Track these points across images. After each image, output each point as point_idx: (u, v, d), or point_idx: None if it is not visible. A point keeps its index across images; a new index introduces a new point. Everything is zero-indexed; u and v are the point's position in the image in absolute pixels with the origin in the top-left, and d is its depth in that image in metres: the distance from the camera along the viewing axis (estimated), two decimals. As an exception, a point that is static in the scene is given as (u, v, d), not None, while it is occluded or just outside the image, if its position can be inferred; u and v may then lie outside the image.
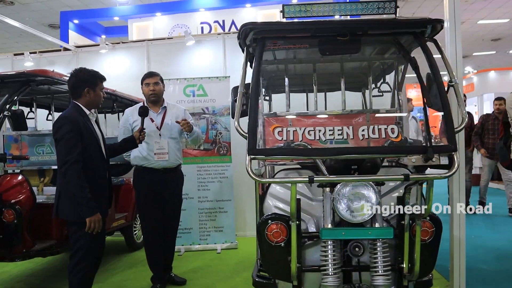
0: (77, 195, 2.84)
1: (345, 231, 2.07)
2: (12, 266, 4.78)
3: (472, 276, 3.91)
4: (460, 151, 3.42)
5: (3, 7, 12.82)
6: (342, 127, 1.90)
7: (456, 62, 3.51)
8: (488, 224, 6.15)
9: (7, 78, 3.83)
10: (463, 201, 3.50)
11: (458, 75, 3.50)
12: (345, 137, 1.92)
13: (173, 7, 9.60)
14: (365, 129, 1.92)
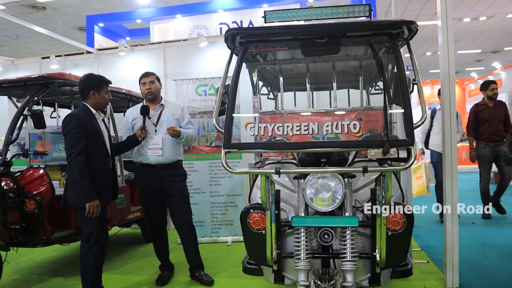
0: (79, 183, 3.18)
1: (313, 219, 2.25)
2: (38, 254, 5.19)
3: (470, 271, 3.99)
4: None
5: (36, 12, 13.50)
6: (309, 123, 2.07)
7: (448, 59, 3.61)
8: (503, 222, 6.10)
9: (29, 80, 4.18)
10: (456, 198, 3.58)
11: (450, 72, 3.60)
12: (311, 132, 2.09)
13: (192, 9, 9.90)
14: (329, 125, 2.08)
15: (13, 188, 3.91)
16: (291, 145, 2.19)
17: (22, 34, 15.18)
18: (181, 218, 3.99)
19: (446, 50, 3.57)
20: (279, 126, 2.12)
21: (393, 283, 3.77)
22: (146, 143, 3.92)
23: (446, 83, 3.58)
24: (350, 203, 2.31)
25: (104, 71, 7.03)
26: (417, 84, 2.19)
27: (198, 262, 4.07)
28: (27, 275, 4.46)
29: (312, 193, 2.19)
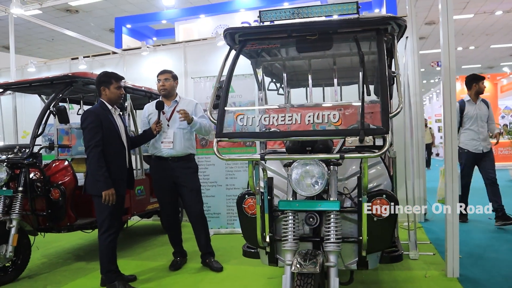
0: (96, 173, 3.47)
1: (298, 203, 2.42)
2: (64, 241, 5.58)
3: (473, 263, 4.04)
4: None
5: (69, 16, 14.15)
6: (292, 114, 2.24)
7: (449, 56, 3.67)
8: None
9: (55, 79, 4.52)
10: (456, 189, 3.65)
11: (451, 67, 3.67)
12: (294, 122, 2.26)
13: (215, 9, 10.17)
14: (311, 115, 2.24)
15: (40, 178, 4.27)
16: (275, 134, 2.37)
17: (57, 37, 15.93)
18: (192, 208, 4.22)
19: (446, 43, 3.64)
20: (266, 117, 2.31)
21: (395, 273, 3.88)
22: (159, 137, 4.17)
23: (447, 77, 3.65)
24: (335, 189, 2.46)
25: (129, 70, 7.41)
26: (396, 77, 2.31)
27: (209, 250, 4.29)
28: (54, 259, 4.82)
29: (297, 179, 2.36)
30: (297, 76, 4.29)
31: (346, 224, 2.68)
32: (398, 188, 5.20)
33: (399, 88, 2.27)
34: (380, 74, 2.30)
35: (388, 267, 4.03)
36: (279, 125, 2.29)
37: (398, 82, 2.28)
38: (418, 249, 4.44)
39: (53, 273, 4.31)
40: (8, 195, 4.10)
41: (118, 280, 3.61)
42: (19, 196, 4.06)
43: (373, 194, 2.57)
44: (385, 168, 2.83)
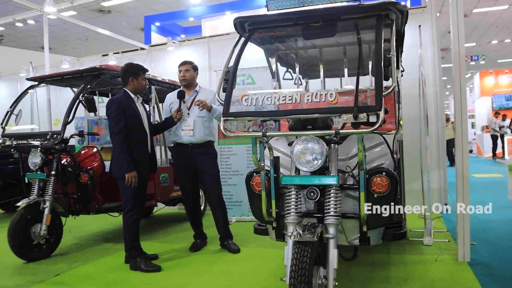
0: (120, 157, 3.74)
1: (299, 178, 2.58)
2: (95, 226, 5.94)
3: (485, 249, 4.07)
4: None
5: (103, 16, 14.72)
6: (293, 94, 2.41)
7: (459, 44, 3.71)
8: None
9: (84, 72, 4.85)
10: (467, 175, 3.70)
11: (461, 53, 3.72)
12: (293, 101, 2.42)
13: (240, 5, 10.38)
14: (310, 95, 2.39)
15: (71, 164, 4.59)
16: (277, 112, 2.53)
17: (91, 36, 16.59)
18: (211, 192, 4.43)
19: (456, 28, 3.68)
20: (268, 97, 2.48)
21: (406, 256, 3.97)
22: (180, 124, 4.40)
23: (457, 63, 3.70)
24: (335, 166, 2.60)
25: (155, 65, 7.73)
26: (391, 57, 2.43)
27: (227, 233, 4.49)
28: (84, 241, 5.15)
29: (298, 155, 2.52)
30: (311, 66, 4.42)
31: (349, 201, 2.82)
32: (415, 179, 5.25)
33: (393, 68, 2.38)
34: (375, 55, 2.42)
35: (400, 251, 4.12)
36: (281, 104, 2.45)
37: (393, 62, 2.39)
38: (434, 237, 4.49)
39: (82, 252, 4.63)
40: (42, 178, 4.43)
41: (140, 257, 3.87)
42: (52, 180, 4.39)
43: (373, 171, 2.69)
44: (387, 149, 2.94)
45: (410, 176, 5.57)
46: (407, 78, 5.52)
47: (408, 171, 5.62)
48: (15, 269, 4.05)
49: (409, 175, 5.59)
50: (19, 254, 4.15)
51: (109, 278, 3.68)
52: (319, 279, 2.38)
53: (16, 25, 14.95)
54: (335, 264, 2.43)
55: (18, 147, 4.62)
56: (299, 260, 2.26)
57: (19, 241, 4.11)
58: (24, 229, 4.16)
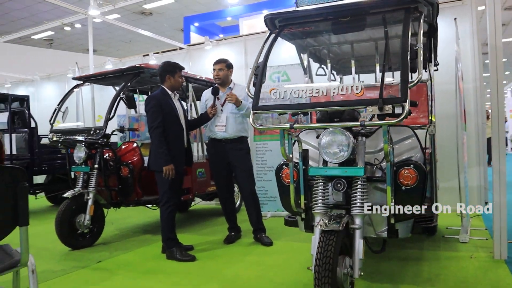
0: (158, 151, 3.91)
1: (327, 169, 2.63)
2: (136, 218, 6.21)
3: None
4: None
5: (145, 18, 15.23)
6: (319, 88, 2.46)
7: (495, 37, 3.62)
8: None
9: (125, 71, 5.09)
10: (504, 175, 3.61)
11: (498, 46, 3.62)
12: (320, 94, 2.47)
13: (277, 4, 10.45)
14: (336, 88, 2.44)
15: (113, 158, 4.84)
16: (303, 105, 2.59)
17: (134, 38, 17.19)
18: (244, 186, 4.55)
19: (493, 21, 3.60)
20: (296, 91, 2.54)
21: (440, 253, 3.91)
22: (214, 120, 4.54)
23: (493, 57, 3.62)
24: (362, 158, 2.63)
25: (194, 64, 7.95)
26: (418, 50, 2.43)
27: (260, 226, 4.59)
28: (125, 232, 5.40)
29: (324, 147, 2.57)
30: (343, 62, 4.44)
31: (377, 194, 2.84)
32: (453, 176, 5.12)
33: (420, 59, 2.39)
34: (402, 48, 2.43)
35: (434, 247, 4.07)
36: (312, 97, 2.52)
37: (419, 54, 2.40)
38: (471, 235, 4.40)
39: (123, 242, 4.87)
40: (86, 172, 4.70)
41: (176, 247, 4.03)
42: (95, 173, 4.65)
43: (401, 164, 2.71)
44: (417, 142, 2.93)
45: (447, 173, 5.46)
46: (445, 72, 5.42)
47: (445, 168, 5.52)
48: (62, 255, 4.32)
49: (447, 172, 5.48)
50: (65, 242, 4.42)
51: (147, 266, 3.87)
52: (345, 268, 2.43)
53: (64, 29, 15.76)
54: (361, 254, 2.47)
55: (65, 142, 4.92)
56: (324, 249, 2.32)
57: (65, 230, 4.38)
58: (70, 219, 4.43)
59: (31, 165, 6.86)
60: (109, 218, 4.94)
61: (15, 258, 2.11)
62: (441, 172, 5.71)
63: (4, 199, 1.96)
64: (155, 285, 3.35)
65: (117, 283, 3.43)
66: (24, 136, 7.03)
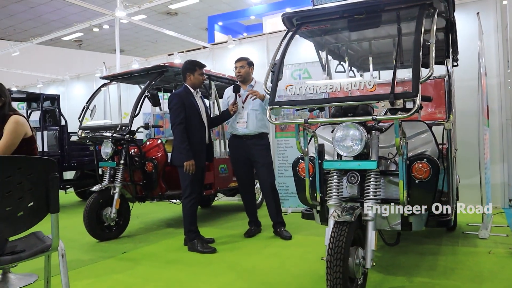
0: (179, 146, 4.06)
1: (340, 162, 2.70)
2: (160, 213, 6.42)
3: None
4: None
5: (170, 18, 15.52)
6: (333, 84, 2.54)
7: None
8: None
9: (150, 70, 5.27)
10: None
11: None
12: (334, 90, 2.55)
13: (300, 2, 10.47)
14: (350, 84, 2.51)
15: (138, 154, 5.03)
16: (316, 100, 2.67)
17: (160, 38, 17.54)
18: (264, 180, 4.64)
19: None
20: (311, 87, 2.63)
21: (458, 248, 3.92)
22: (236, 117, 4.66)
23: None
24: (376, 152, 2.68)
25: (217, 62, 8.11)
26: (430, 46, 2.47)
27: (279, 220, 4.68)
28: (149, 226, 5.60)
29: (338, 141, 2.64)
30: (362, 59, 4.49)
31: (391, 187, 2.90)
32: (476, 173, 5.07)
33: (432, 54, 2.43)
34: (415, 43, 2.48)
35: (452, 242, 4.08)
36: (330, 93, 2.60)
37: (432, 50, 2.44)
38: (492, 231, 4.38)
39: (147, 234, 5.05)
40: (112, 167, 4.90)
41: (197, 239, 4.17)
42: (121, 168, 4.85)
43: (414, 157, 2.75)
44: (431, 136, 2.97)
45: (470, 170, 5.41)
46: (468, 68, 5.37)
47: (468, 165, 5.47)
48: (89, 246, 4.53)
49: (469, 169, 5.43)
50: (92, 233, 4.64)
51: (169, 257, 4.02)
52: (357, 259, 2.50)
53: (93, 30, 16.24)
54: (373, 245, 2.54)
55: (92, 138, 5.14)
56: (336, 239, 2.40)
57: (92, 222, 4.59)
58: (97, 212, 4.64)
59: (61, 161, 7.18)
60: (135, 212, 5.14)
61: (46, 243, 2.28)
62: (464, 169, 5.67)
63: (38, 188, 2.12)
64: (176, 274, 3.50)
65: (141, 272, 3.59)
66: (54, 134, 7.36)
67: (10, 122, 3.07)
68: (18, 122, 3.14)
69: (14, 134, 3.09)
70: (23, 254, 2.21)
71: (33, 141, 3.29)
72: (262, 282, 3.21)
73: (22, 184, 2.03)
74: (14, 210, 2.03)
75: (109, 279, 3.41)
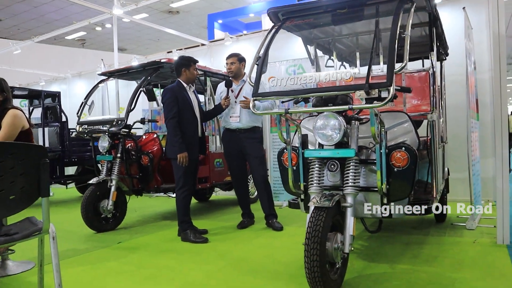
0: (173, 139, 4.18)
1: (321, 151, 2.80)
2: (158, 207, 6.56)
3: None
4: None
5: (171, 17, 15.64)
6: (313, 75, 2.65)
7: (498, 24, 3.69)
8: None
9: (146, 66, 5.39)
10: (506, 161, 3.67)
11: (501, 34, 3.69)
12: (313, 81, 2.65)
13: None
14: (328, 75, 2.61)
15: (134, 147, 5.15)
16: (297, 91, 2.76)
17: (162, 37, 17.67)
18: (256, 173, 4.75)
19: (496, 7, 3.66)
20: (292, 79, 2.73)
21: (444, 238, 4.01)
22: (229, 112, 4.77)
23: (496, 44, 3.68)
24: (355, 141, 2.78)
25: (215, 59, 8.22)
26: (405, 37, 2.57)
27: (272, 212, 4.79)
28: (146, 218, 5.72)
29: (318, 130, 2.75)
30: (350, 53, 4.58)
31: (372, 176, 3.00)
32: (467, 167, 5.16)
33: (406, 46, 2.53)
34: (391, 35, 2.58)
35: (439, 233, 4.17)
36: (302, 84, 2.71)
37: (406, 41, 2.54)
38: (480, 222, 4.46)
39: (143, 226, 5.18)
40: (109, 160, 5.03)
41: (190, 229, 4.29)
42: (117, 161, 4.97)
43: (393, 146, 2.85)
44: (412, 126, 3.07)
45: (461, 164, 5.48)
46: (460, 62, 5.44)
47: (459, 158, 5.56)
48: (87, 237, 4.66)
49: (461, 163, 5.51)
50: (89, 225, 4.76)
51: (162, 247, 4.15)
52: (336, 243, 2.60)
53: (95, 29, 16.41)
54: (351, 231, 2.63)
55: (89, 132, 5.27)
56: (314, 223, 2.50)
57: (89, 214, 4.72)
58: (94, 204, 4.77)
59: (62, 156, 7.32)
60: (133, 206, 5.25)
61: (38, 226, 2.40)
62: (455, 163, 5.76)
63: (29, 173, 2.24)
64: (167, 262, 3.61)
65: (133, 260, 3.71)
66: (55, 130, 7.49)
67: (8, 115, 3.24)
68: (16, 115, 3.29)
69: (12, 126, 3.25)
70: (16, 236, 2.32)
71: (30, 134, 3.44)
72: (250, 269, 3.31)
73: (14, 168, 2.14)
74: (7, 193, 2.14)
75: (103, 267, 3.53)
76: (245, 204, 4.96)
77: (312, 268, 2.44)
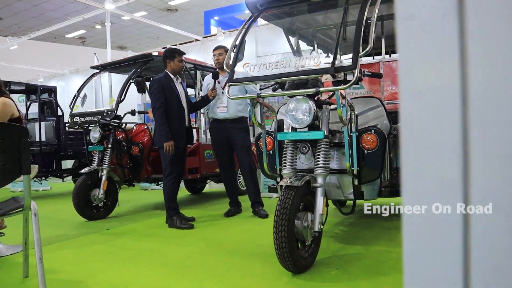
0: (160, 128, 4.31)
1: (292, 134, 2.91)
2: (150, 199, 6.68)
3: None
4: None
5: (170, 15, 15.78)
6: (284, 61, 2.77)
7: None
8: None
9: (136, 58, 5.52)
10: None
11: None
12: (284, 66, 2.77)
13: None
14: (298, 60, 2.73)
15: (125, 138, 5.28)
16: (268, 76, 2.87)
17: (161, 35, 17.82)
18: (243, 162, 4.86)
19: None
20: (264, 64, 2.85)
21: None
22: (216, 102, 4.89)
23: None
24: (326, 124, 2.89)
25: (208, 54, 8.34)
26: (371, 22, 2.67)
27: (257, 200, 4.90)
28: (138, 209, 5.85)
29: (290, 113, 2.86)
30: (332, 45, 4.69)
31: (344, 159, 3.10)
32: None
33: (371, 32, 2.63)
34: (357, 21, 2.69)
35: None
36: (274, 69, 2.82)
37: (372, 26, 2.64)
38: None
39: (134, 215, 5.30)
40: (100, 150, 5.16)
41: (177, 216, 4.41)
42: (108, 152, 5.10)
43: (363, 130, 2.96)
44: (384, 111, 3.17)
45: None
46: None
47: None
48: (77, 224, 4.79)
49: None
50: (81, 213, 4.89)
51: (149, 232, 4.27)
52: (305, 222, 2.71)
53: (96, 27, 16.57)
54: (320, 210, 2.74)
55: (81, 123, 5.40)
56: (283, 201, 2.61)
57: (81, 202, 4.85)
58: (85, 193, 4.90)
59: (58, 150, 7.46)
60: (126, 197, 5.36)
61: (20, 203, 2.52)
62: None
63: (10, 151, 2.36)
64: (151, 244, 3.74)
65: (119, 243, 3.83)
66: (52, 124, 7.63)
67: None
68: (6, 103, 3.42)
69: (0, 113, 3.38)
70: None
71: (20, 122, 3.57)
72: (228, 250, 3.43)
73: (-6, 147, 2.27)
74: (-12, 170, 2.27)
75: (89, 249, 3.66)
76: (232, 193, 5.07)
77: (281, 244, 2.55)
